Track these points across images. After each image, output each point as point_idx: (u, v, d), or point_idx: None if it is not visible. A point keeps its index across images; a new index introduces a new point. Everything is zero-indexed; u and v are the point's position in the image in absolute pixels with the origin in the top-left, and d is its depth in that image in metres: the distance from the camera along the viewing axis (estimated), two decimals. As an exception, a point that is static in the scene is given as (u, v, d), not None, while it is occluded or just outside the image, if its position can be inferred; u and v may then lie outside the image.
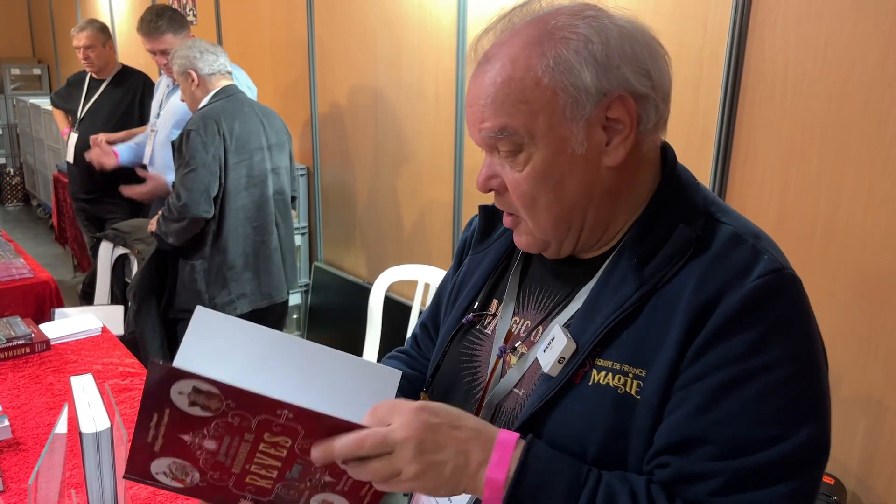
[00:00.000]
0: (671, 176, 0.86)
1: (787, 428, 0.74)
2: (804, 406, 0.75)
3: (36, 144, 6.59)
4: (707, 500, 0.74)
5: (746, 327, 0.74)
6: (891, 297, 1.75)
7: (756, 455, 0.73)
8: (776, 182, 1.92)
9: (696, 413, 0.75)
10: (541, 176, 0.81)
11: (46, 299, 2.60)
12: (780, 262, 0.78)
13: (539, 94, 0.78)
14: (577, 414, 0.80)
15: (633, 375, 0.78)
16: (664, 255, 0.80)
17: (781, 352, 0.74)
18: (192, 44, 2.69)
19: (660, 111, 0.82)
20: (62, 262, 5.41)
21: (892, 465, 1.82)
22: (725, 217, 0.83)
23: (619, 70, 0.78)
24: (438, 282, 1.15)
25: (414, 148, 3.11)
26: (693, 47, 2.02)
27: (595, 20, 0.79)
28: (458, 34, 2.75)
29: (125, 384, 1.85)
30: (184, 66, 2.65)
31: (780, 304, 0.75)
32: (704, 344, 0.75)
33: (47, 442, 1.12)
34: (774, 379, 0.74)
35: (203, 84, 2.66)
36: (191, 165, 2.53)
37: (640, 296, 0.79)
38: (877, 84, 1.70)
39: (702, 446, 0.74)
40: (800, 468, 0.74)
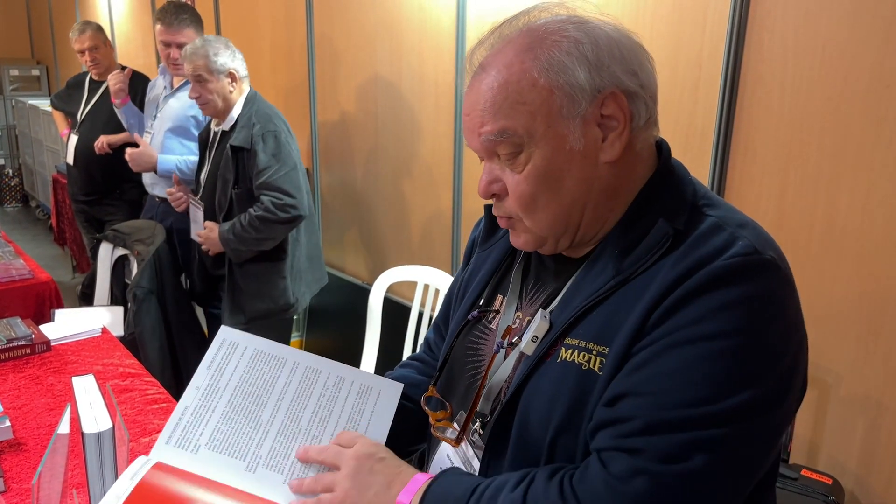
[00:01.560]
0: (661, 171, 0.88)
1: (719, 393, 0.74)
2: (740, 378, 0.75)
3: (35, 145, 6.59)
4: (619, 441, 0.76)
5: (702, 300, 0.76)
6: (889, 298, 1.76)
7: (679, 410, 0.75)
8: (774, 183, 1.93)
9: (631, 372, 0.78)
10: (541, 174, 0.84)
11: (46, 300, 2.61)
12: (755, 246, 0.79)
13: (536, 94, 0.82)
14: (545, 389, 0.85)
15: (597, 353, 0.82)
16: (643, 247, 0.83)
17: (731, 325, 0.75)
18: (225, 42, 2.60)
19: (649, 109, 0.86)
20: (61, 264, 5.41)
21: (891, 466, 1.82)
22: (712, 210, 0.85)
23: (610, 69, 0.82)
24: (438, 283, 1.19)
25: (413, 149, 3.12)
26: (692, 49, 2.03)
27: (583, 25, 0.84)
28: (457, 37, 2.75)
29: (126, 385, 1.85)
30: (226, 67, 2.56)
31: (742, 283, 0.76)
32: (662, 314, 0.78)
33: (50, 442, 1.12)
34: (716, 347, 0.75)
35: (239, 86, 2.60)
36: (288, 165, 2.52)
37: (614, 283, 0.83)
38: (874, 85, 1.71)
39: (628, 397, 0.78)
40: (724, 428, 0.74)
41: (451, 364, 1.02)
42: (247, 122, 2.55)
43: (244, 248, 2.55)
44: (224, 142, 2.61)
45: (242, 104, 2.60)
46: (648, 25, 2.08)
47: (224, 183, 2.59)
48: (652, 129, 0.88)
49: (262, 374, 1.02)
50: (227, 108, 2.60)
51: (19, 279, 2.60)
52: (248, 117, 2.56)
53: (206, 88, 2.56)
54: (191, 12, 3.14)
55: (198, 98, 2.58)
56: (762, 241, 0.81)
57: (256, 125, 2.53)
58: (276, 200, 2.50)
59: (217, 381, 1.01)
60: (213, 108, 2.60)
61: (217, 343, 1.05)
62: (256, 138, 2.51)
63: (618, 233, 0.86)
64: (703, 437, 0.74)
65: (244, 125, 2.55)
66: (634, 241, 0.84)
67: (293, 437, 0.97)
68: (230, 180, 2.56)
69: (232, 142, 2.53)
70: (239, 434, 0.97)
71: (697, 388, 0.75)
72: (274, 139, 2.52)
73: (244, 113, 2.58)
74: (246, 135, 2.53)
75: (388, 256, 3.40)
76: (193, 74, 2.54)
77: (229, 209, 2.60)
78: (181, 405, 1.00)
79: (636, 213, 0.86)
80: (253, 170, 2.52)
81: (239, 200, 2.57)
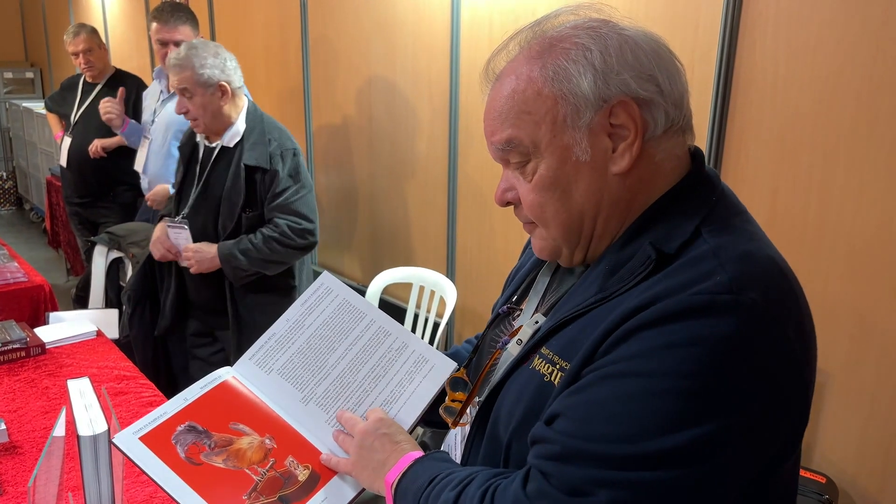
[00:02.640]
0: (684, 184, 0.84)
1: (639, 434, 0.70)
2: (667, 423, 0.70)
3: (29, 148, 6.57)
4: (539, 462, 0.76)
5: (649, 335, 0.72)
6: (881, 296, 1.77)
7: (596, 443, 0.72)
8: (767, 182, 1.94)
9: (571, 393, 0.77)
10: (548, 185, 0.83)
11: (41, 303, 2.60)
12: (733, 285, 0.72)
13: (541, 103, 0.81)
14: (513, 391, 0.87)
15: (560, 367, 0.81)
16: (627, 268, 0.80)
17: (674, 365, 0.70)
18: (214, 50, 2.28)
19: (670, 117, 0.81)
20: (55, 267, 5.39)
21: (885, 464, 1.83)
22: (715, 236, 0.78)
23: (620, 76, 0.79)
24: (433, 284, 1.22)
25: (409, 151, 3.12)
26: (684, 49, 2.04)
27: (595, 31, 0.81)
28: (451, 38, 2.76)
29: (121, 387, 1.85)
30: (214, 79, 2.24)
31: (696, 322, 0.71)
32: (612, 343, 0.75)
33: (46, 445, 1.12)
34: (652, 387, 0.71)
35: (234, 99, 2.31)
36: (307, 186, 2.35)
37: (594, 301, 0.81)
38: (866, 85, 1.72)
39: (559, 418, 0.77)
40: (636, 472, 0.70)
41: (480, 353, 1.05)
42: (259, 137, 2.31)
43: (248, 269, 2.31)
44: (224, 160, 2.34)
45: (245, 117, 2.34)
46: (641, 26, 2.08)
47: (231, 206, 2.31)
48: (678, 137, 0.83)
49: (342, 322, 1.13)
50: (220, 123, 2.31)
51: (13, 282, 2.59)
52: (259, 132, 2.32)
53: (194, 103, 2.27)
54: (186, 10, 3.13)
55: (185, 114, 2.30)
56: (749, 279, 0.73)
57: (273, 142, 2.31)
58: (293, 225, 2.30)
59: (305, 319, 1.13)
60: (202, 126, 2.32)
61: (316, 285, 1.16)
62: (275, 156, 2.29)
63: (615, 248, 0.84)
64: (612, 476, 0.70)
65: (257, 141, 2.30)
66: (623, 261, 0.81)
67: (347, 386, 1.08)
68: (239, 203, 2.29)
69: (246, 160, 2.27)
70: (305, 369, 1.10)
71: (620, 425, 0.71)
72: (293, 158, 2.33)
73: (252, 128, 2.33)
74: (262, 152, 2.29)
75: (383, 258, 3.40)
76: (178, 88, 2.25)
77: (233, 234, 2.33)
78: (270, 331, 1.13)
79: (636, 230, 0.83)
80: (269, 190, 2.30)
81: (247, 226, 2.33)
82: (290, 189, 2.30)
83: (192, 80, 2.22)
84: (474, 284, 2.91)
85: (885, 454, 1.83)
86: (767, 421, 0.73)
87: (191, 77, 2.22)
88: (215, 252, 2.30)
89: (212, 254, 2.30)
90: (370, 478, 0.96)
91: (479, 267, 2.90)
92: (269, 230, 2.29)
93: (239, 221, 2.31)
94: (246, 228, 2.31)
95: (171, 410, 1.03)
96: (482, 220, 2.83)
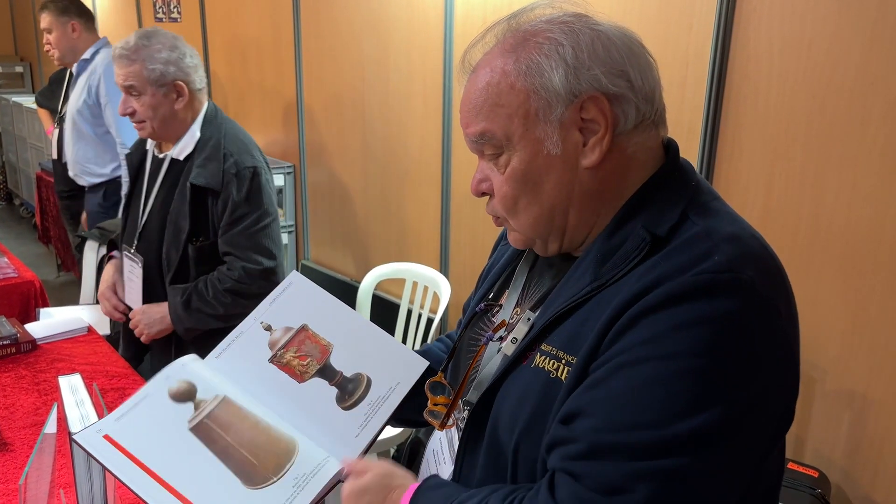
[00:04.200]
0: (661, 174, 0.86)
1: (666, 419, 0.71)
2: (690, 403, 0.71)
3: (19, 143, 6.53)
4: (565, 464, 0.75)
5: (657, 318, 0.73)
6: (873, 293, 1.78)
7: (623, 434, 0.72)
8: (761, 179, 1.95)
9: (586, 389, 0.77)
10: (519, 177, 0.84)
11: (31, 299, 2.58)
12: (730, 264, 0.74)
13: (513, 97, 0.82)
14: (515, 393, 0.85)
15: (566, 362, 0.81)
16: (621, 253, 0.81)
17: (687, 346, 0.71)
18: (173, 41, 1.92)
19: (641, 111, 0.83)
20: (45, 262, 5.36)
21: (877, 458, 1.84)
22: (703, 218, 0.81)
23: (591, 71, 0.80)
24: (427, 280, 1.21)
25: (402, 146, 3.11)
26: (678, 46, 2.04)
27: (568, 25, 0.82)
28: (445, 33, 2.75)
29: (112, 383, 1.84)
30: (168, 76, 1.88)
31: (703, 302, 0.72)
32: (618, 331, 0.76)
33: (37, 442, 1.11)
34: (669, 369, 0.71)
35: (191, 101, 1.93)
36: (270, 213, 1.95)
37: (590, 289, 0.81)
38: (860, 82, 1.73)
39: (579, 417, 0.76)
40: (670, 458, 0.70)
41: (458, 353, 1.04)
42: (213, 152, 1.90)
43: (201, 328, 1.96)
44: (173, 175, 1.96)
45: (201, 124, 1.94)
46: (635, 24, 2.09)
47: (176, 232, 1.92)
48: (650, 131, 0.85)
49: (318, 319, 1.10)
50: (172, 130, 1.94)
51: (3, 278, 2.57)
52: (214, 145, 1.91)
53: (142, 103, 1.89)
54: None
55: (130, 115, 1.92)
56: (744, 258, 0.76)
57: (229, 158, 1.90)
58: (252, 267, 1.91)
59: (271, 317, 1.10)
60: (149, 130, 1.93)
61: (285, 284, 1.13)
62: (229, 176, 1.88)
63: (603, 237, 0.85)
64: (647, 466, 0.70)
65: (210, 157, 1.90)
66: (615, 247, 0.82)
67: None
68: (184, 229, 1.90)
69: (193, 179, 1.88)
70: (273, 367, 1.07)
71: (644, 412, 0.71)
72: (252, 178, 1.91)
73: (206, 137, 1.93)
74: (214, 170, 1.88)
75: (376, 254, 3.39)
76: (124, 84, 1.88)
77: (180, 268, 1.94)
78: (237, 329, 1.10)
79: (623, 218, 0.84)
80: (221, 217, 1.90)
81: (197, 258, 1.93)
82: (248, 217, 1.90)
83: (142, 77, 1.86)
84: (468, 280, 2.91)
85: (878, 448, 1.84)
86: (771, 393, 0.76)
87: (139, 72, 1.86)
88: (165, 311, 1.95)
89: (161, 314, 1.96)
90: None
91: (472, 263, 2.90)
92: (222, 278, 1.91)
93: (185, 253, 1.92)
94: (195, 260, 1.93)
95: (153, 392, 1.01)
96: (476, 216, 2.82)
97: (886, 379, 1.79)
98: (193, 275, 1.94)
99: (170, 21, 4.81)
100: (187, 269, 1.94)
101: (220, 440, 0.98)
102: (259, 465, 0.96)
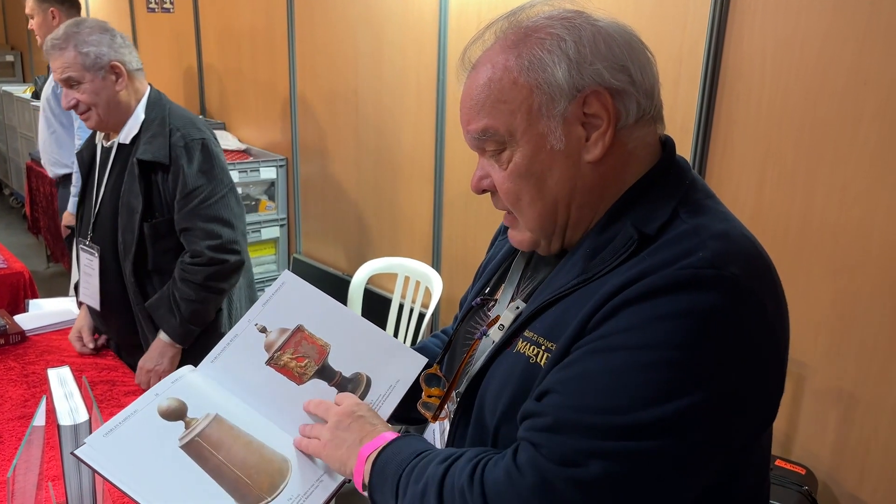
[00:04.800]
0: (656, 170, 0.86)
1: (630, 405, 0.72)
2: (657, 393, 0.72)
3: (9, 132, 6.47)
4: (529, 433, 0.77)
5: (637, 309, 0.74)
6: (862, 292, 1.79)
7: (587, 414, 0.74)
8: (753, 178, 1.95)
9: (561, 369, 0.78)
10: (523, 173, 0.84)
11: (20, 290, 2.57)
12: (714, 261, 0.75)
13: (516, 92, 0.82)
14: (498, 376, 0.87)
15: (545, 348, 0.82)
16: (609, 249, 0.82)
17: (664, 337, 0.72)
18: (101, 25, 1.88)
19: (642, 107, 0.83)
20: (35, 253, 5.33)
21: (864, 456, 1.86)
22: (692, 217, 0.81)
23: (593, 66, 0.80)
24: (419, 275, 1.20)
25: (394, 141, 3.10)
26: (672, 44, 2.04)
27: (569, 21, 0.83)
28: (439, 27, 2.74)
29: (102, 376, 1.83)
30: (104, 58, 1.83)
31: (683, 296, 0.73)
32: (600, 318, 0.77)
33: (25, 434, 1.11)
34: (643, 359, 0.73)
35: (132, 83, 1.89)
36: (224, 184, 1.91)
37: (577, 282, 0.83)
38: (852, 82, 1.73)
39: (550, 394, 0.78)
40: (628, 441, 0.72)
41: (454, 347, 1.05)
42: (159, 128, 1.88)
43: (209, 319, 1.96)
44: (121, 160, 1.92)
45: (145, 106, 1.91)
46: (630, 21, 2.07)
47: (129, 213, 1.87)
48: (649, 127, 0.85)
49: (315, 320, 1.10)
50: (119, 114, 1.89)
51: (-7, 269, 2.56)
52: (159, 122, 1.89)
53: (84, 91, 1.84)
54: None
55: (74, 107, 1.87)
56: (730, 256, 0.76)
57: (176, 132, 1.87)
58: (214, 244, 1.86)
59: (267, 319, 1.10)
60: (97, 117, 1.88)
61: (277, 284, 1.12)
62: (177, 149, 1.85)
63: (595, 232, 0.86)
64: (604, 446, 0.72)
65: (156, 133, 1.87)
66: (605, 242, 0.83)
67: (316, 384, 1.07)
68: (137, 209, 1.85)
69: (140, 155, 1.84)
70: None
71: (613, 397, 0.73)
72: (202, 150, 1.87)
73: (151, 117, 1.90)
74: (161, 144, 1.85)
75: (368, 248, 3.39)
76: (62, 77, 1.83)
77: (138, 251, 1.88)
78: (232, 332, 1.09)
79: (615, 214, 0.85)
80: (174, 193, 1.86)
81: (153, 238, 1.88)
82: (202, 189, 1.86)
83: (77, 63, 1.82)
84: (460, 275, 2.91)
85: (865, 446, 1.85)
86: (750, 389, 0.76)
87: (74, 59, 1.81)
88: (159, 344, 1.90)
89: (157, 349, 1.91)
90: (343, 456, 0.94)
91: (464, 257, 2.90)
92: (191, 272, 1.86)
93: (142, 234, 1.86)
94: (152, 244, 1.88)
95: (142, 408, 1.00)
96: (468, 211, 2.82)
97: (874, 377, 1.80)
98: (151, 255, 1.89)
99: (162, 12, 4.78)
100: (144, 250, 1.88)
101: (212, 458, 0.97)
102: (253, 485, 0.96)
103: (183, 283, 1.86)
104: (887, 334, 1.76)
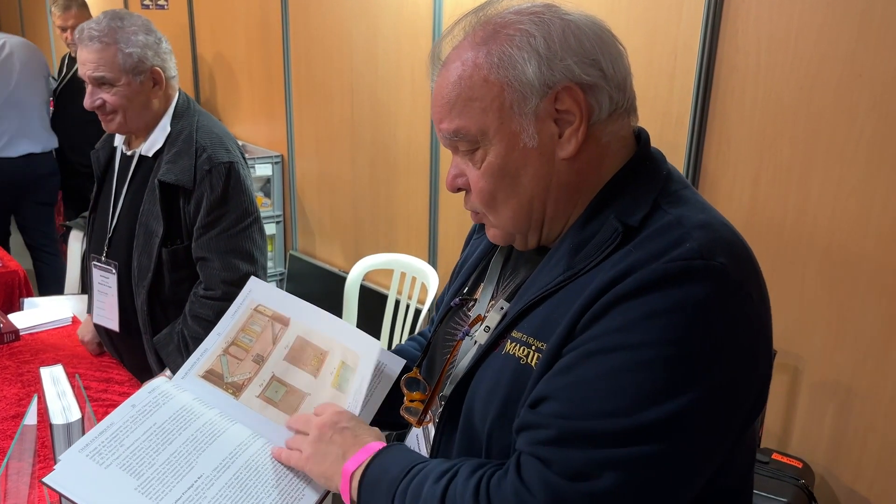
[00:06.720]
0: (632, 163, 0.86)
1: (635, 406, 0.71)
2: (660, 390, 0.71)
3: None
4: (534, 448, 0.76)
5: (630, 306, 0.73)
6: (858, 285, 1.78)
7: (592, 421, 0.73)
8: (748, 171, 1.95)
9: (556, 374, 0.77)
10: (497, 171, 0.84)
11: (15, 289, 2.56)
12: (701, 251, 0.74)
13: (487, 90, 0.81)
14: (487, 379, 0.85)
15: (536, 348, 0.81)
16: (593, 243, 0.81)
17: (658, 334, 0.72)
18: (146, 24, 1.73)
19: (614, 100, 0.82)
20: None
21: (860, 449, 1.86)
22: (675, 207, 0.81)
23: (564, 62, 0.79)
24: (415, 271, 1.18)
25: (390, 136, 3.10)
26: (667, 38, 2.03)
27: (538, 16, 0.81)
28: (434, 22, 2.74)
29: (96, 374, 1.82)
30: (148, 62, 1.69)
31: (675, 289, 0.73)
32: (591, 318, 0.76)
33: (17, 433, 1.10)
34: (639, 358, 0.72)
35: (165, 91, 1.75)
36: (250, 213, 1.75)
37: (563, 279, 0.82)
38: (847, 75, 1.73)
39: (548, 402, 0.76)
40: (638, 445, 0.71)
41: (433, 349, 1.03)
42: (185, 146, 1.71)
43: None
44: (145, 172, 1.76)
45: (171, 117, 1.76)
46: (624, 15, 2.08)
47: (147, 236, 1.73)
48: (623, 120, 0.85)
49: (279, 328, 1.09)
50: (145, 122, 1.75)
51: (-13, 267, 2.55)
52: (185, 139, 1.72)
53: (116, 94, 1.68)
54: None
55: (98, 108, 1.70)
56: (715, 245, 0.76)
57: (203, 153, 1.70)
58: (229, 276, 1.71)
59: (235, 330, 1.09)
60: (119, 123, 1.73)
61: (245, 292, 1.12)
62: (202, 173, 1.69)
63: (576, 227, 0.85)
64: (614, 454, 0.71)
65: (181, 151, 1.71)
66: (588, 237, 0.82)
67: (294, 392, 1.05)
68: (157, 232, 1.71)
69: (162, 176, 1.69)
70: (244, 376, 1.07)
71: (613, 400, 0.72)
72: (228, 174, 1.70)
73: (177, 131, 1.74)
74: (185, 167, 1.69)
75: (364, 244, 3.38)
76: (93, 75, 1.66)
77: (156, 276, 1.74)
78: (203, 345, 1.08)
79: (596, 208, 0.84)
80: (194, 220, 1.72)
81: (171, 264, 1.74)
82: (225, 219, 1.71)
83: (116, 63, 1.65)
84: (456, 271, 2.91)
85: (862, 439, 1.85)
86: (744, 378, 0.77)
87: (114, 57, 1.65)
88: None
89: None
90: (328, 470, 0.91)
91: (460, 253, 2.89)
92: (201, 307, 1.72)
93: (160, 259, 1.72)
94: (169, 267, 1.73)
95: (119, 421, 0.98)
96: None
97: (870, 371, 1.80)
98: (168, 282, 1.75)
99: (156, 8, 4.76)
100: (161, 277, 1.74)
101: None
102: None
103: (193, 321, 1.72)
104: (883, 327, 1.76)
